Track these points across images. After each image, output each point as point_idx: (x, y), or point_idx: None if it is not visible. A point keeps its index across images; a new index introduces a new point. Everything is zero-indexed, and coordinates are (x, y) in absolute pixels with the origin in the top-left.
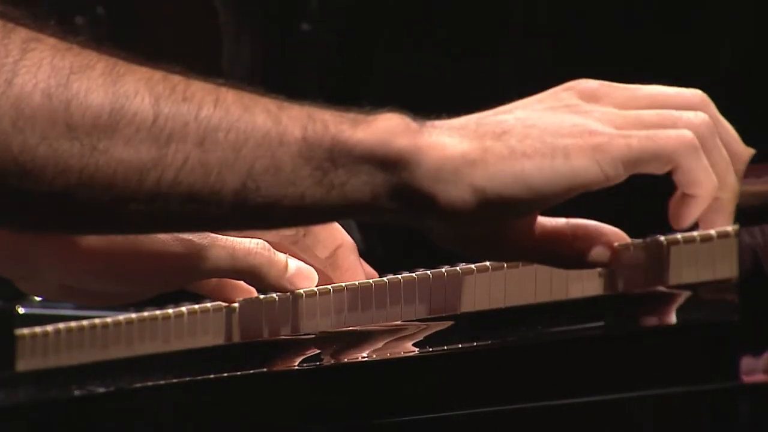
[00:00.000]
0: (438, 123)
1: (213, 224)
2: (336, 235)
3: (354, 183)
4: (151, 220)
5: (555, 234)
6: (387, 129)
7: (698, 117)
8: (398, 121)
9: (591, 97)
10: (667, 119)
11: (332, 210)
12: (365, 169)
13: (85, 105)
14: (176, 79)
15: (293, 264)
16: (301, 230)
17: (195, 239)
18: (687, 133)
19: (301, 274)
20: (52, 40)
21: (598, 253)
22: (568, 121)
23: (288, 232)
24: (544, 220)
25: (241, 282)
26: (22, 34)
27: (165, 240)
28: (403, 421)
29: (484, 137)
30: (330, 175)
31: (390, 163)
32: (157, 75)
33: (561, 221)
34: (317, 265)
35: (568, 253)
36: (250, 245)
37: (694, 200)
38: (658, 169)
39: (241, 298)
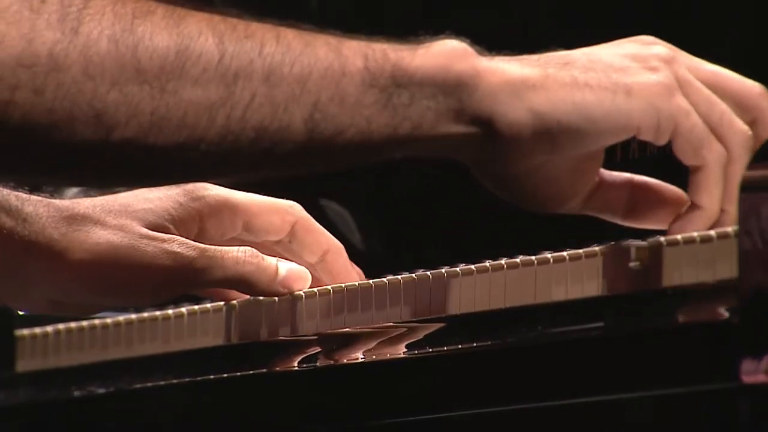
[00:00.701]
0: (498, 57)
1: (281, 163)
2: (322, 240)
3: (416, 108)
4: (221, 161)
5: (613, 185)
6: (445, 53)
7: (741, 133)
8: (456, 46)
9: (667, 57)
10: (727, 120)
11: (396, 139)
12: (426, 93)
13: (151, 48)
14: (235, 20)
15: (284, 267)
16: (286, 237)
17: (183, 252)
18: (722, 150)
19: (292, 275)
20: None
21: (655, 212)
22: (635, 64)
23: (274, 238)
24: (603, 171)
25: None
26: None
27: (153, 253)
28: (403, 421)
29: (547, 65)
30: (393, 100)
31: (450, 87)
32: (217, 17)
33: (622, 175)
34: (307, 268)
35: (622, 206)
36: (238, 254)
37: (698, 213)
38: (688, 158)
39: (239, 299)
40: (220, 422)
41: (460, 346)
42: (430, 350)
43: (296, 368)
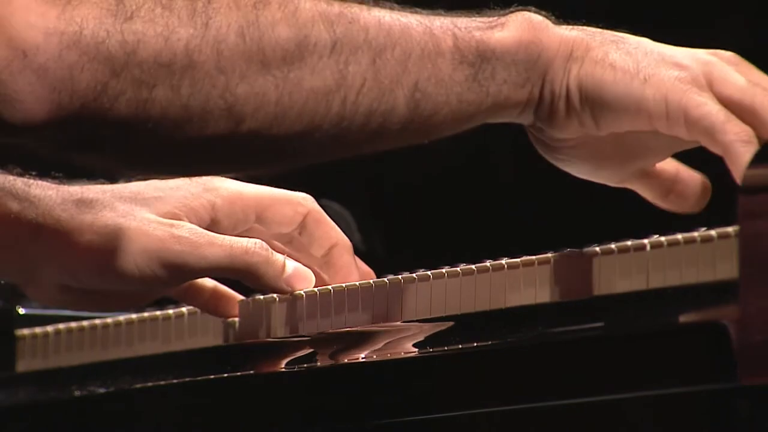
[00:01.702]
0: (563, 26)
1: (387, 141)
2: (331, 235)
3: (497, 80)
4: (332, 145)
5: (661, 173)
6: (521, 26)
7: None
8: (530, 18)
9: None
10: (750, 92)
11: (480, 110)
12: (505, 66)
13: (274, 40)
14: (335, 4)
15: (291, 265)
16: (296, 229)
17: (191, 237)
18: (743, 127)
19: (298, 275)
20: None
21: (689, 198)
22: (673, 60)
23: (284, 230)
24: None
25: (237, 296)
26: None
27: (162, 237)
28: (403, 422)
29: (594, 37)
30: (479, 74)
31: (521, 59)
32: (321, 2)
33: (672, 165)
34: (312, 264)
35: (663, 192)
36: (248, 244)
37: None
38: (710, 145)
39: (241, 299)
40: (221, 422)
41: (460, 346)
42: (431, 350)
43: (296, 368)
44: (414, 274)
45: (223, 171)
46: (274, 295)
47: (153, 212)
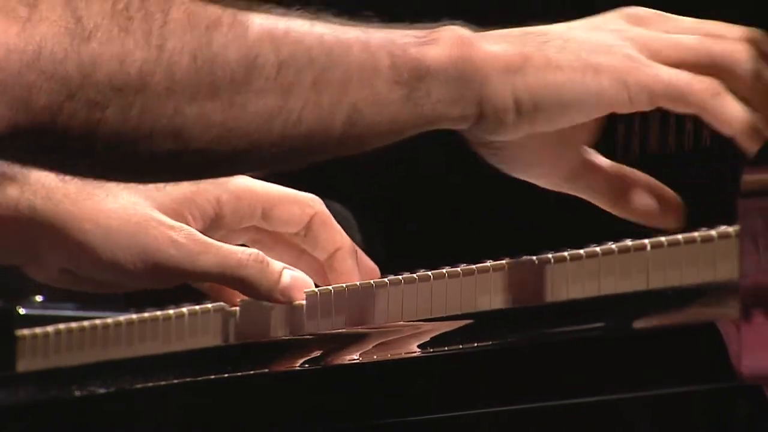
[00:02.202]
0: (488, 33)
1: (323, 155)
2: (336, 239)
3: (431, 98)
4: (276, 159)
5: (598, 168)
6: (454, 43)
7: (734, 47)
8: (462, 35)
9: (638, 22)
10: (703, 46)
11: (413, 127)
12: (439, 84)
13: (224, 62)
14: (281, 20)
15: (288, 275)
16: (302, 231)
17: (187, 244)
18: (709, 81)
19: (296, 285)
20: None
21: (644, 207)
22: (608, 41)
23: (291, 230)
24: (591, 154)
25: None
26: None
27: (159, 238)
28: (402, 422)
29: (525, 44)
30: (414, 94)
31: (456, 76)
32: (271, 21)
33: (609, 162)
34: (314, 266)
35: (607, 192)
36: (242, 256)
37: (737, 137)
38: (682, 109)
39: (241, 300)
40: (221, 422)
41: (461, 346)
42: (432, 350)
43: (297, 368)
44: (414, 275)
45: (171, 180)
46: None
47: (156, 205)
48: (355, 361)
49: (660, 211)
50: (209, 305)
